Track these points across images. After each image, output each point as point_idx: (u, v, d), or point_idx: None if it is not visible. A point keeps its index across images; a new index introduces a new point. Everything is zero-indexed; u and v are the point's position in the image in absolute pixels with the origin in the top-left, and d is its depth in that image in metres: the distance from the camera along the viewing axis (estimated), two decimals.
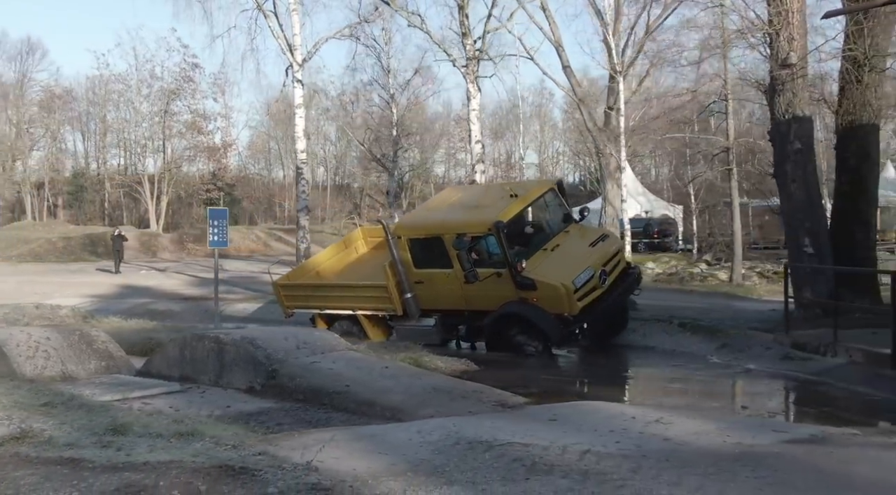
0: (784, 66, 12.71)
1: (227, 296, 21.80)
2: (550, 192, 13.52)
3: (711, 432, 6.68)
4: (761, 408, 8.95)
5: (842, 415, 8.58)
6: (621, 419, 7.21)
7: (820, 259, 13.07)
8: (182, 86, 56.29)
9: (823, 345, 11.22)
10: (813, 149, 13.41)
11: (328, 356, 9.85)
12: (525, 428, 6.85)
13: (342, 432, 6.63)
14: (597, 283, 12.32)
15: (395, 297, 13.35)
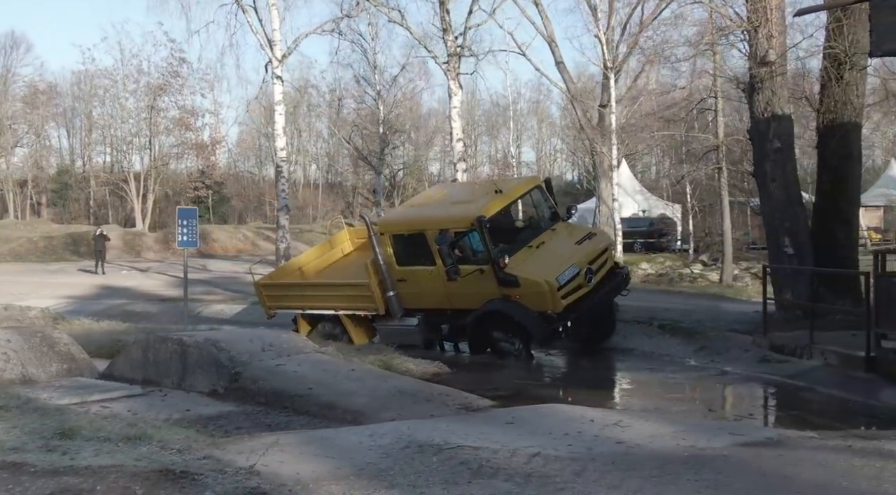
0: (763, 63, 12.84)
1: (206, 297, 21.92)
2: (537, 190, 13.59)
3: (667, 435, 6.81)
4: (728, 411, 9.10)
5: (808, 418, 8.72)
6: (579, 422, 7.34)
7: (800, 259, 13.21)
8: (169, 81, 56.36)
9: (800, 347, 11.36)
10: (793, 148, 13.55)
11: (294, 358, 9.98)
12: (480, 430, 6.98)
13: (293, 435, 6.75)
14: (582, 281, 12.35)
15: (378, 296, 13.42)
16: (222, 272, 31.44)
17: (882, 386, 9.62)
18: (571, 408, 8.14)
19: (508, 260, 12.28)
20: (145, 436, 6.45)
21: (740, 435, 6.80)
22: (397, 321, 13.53)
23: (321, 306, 14.24)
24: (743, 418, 8.67)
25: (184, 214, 14.47)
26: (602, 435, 6.84)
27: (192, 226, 14.12)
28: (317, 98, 64.04)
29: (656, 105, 27.23)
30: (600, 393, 10.12)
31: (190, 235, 14.07)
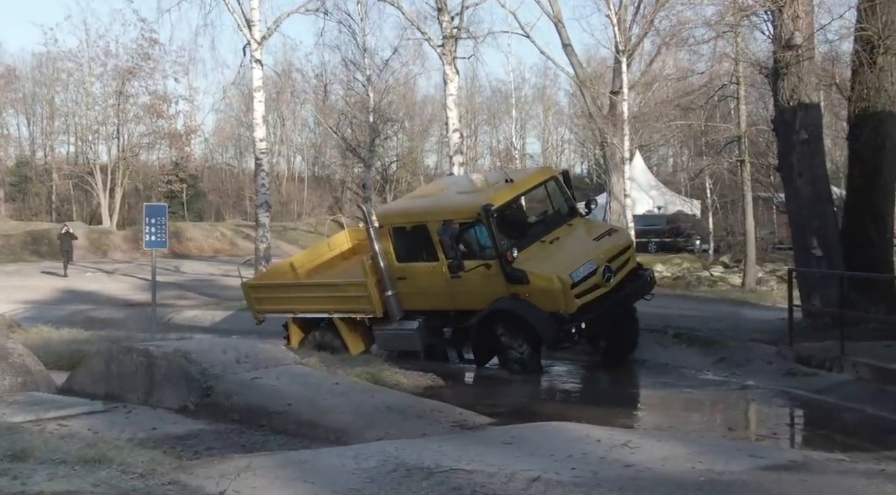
0: (788, 47, 12.81)
1: (178, 302, 21.89)
2: (553, 182, 13.44)
3: (681, 457, 6.77)
4: (750, 430, 9.07)
5: (837, 438, 8.70)
6: (584, 442, 7.30)
7: (829, 262, 13.18)
8: (139, 64, 56.19)
9: (829, 359, 11.33)
10: (821, 140, 13.52)
11: (272, 371, 9.93)
12: (475, 452, 6.94)
13: (268, 458, 6.72)
14: (599, 281, 12.15)
15: (375, 296, 13.29)
16: (197, 274, 31.42)
17: None
18: (576, 427, 8.10)
19: (518, 254, 12.11)
20: (105, 459, 6.40)
21: (761, 458, 6.77)
22: (396, 324, 13.37)
23: (314, 309, 14.12)
24: (765, 438, 8.65)
25: (152, 212, 14.43)
26: (609, 457, 6.80)
27: (161, 224, 14.07)
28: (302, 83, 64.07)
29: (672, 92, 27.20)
30: (608, 410, 10.07)
31: (159, 235, 14.02)
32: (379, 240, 13.24)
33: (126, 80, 56.13)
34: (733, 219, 36.13)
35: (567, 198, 13.35)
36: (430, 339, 13.31)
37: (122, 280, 28.48)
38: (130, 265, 35.19)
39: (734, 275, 25.54)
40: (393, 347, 13.78)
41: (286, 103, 70.16)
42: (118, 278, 29.30)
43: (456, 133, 20.02)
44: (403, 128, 60.96)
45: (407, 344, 13.47)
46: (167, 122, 59.34)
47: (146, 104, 57.59)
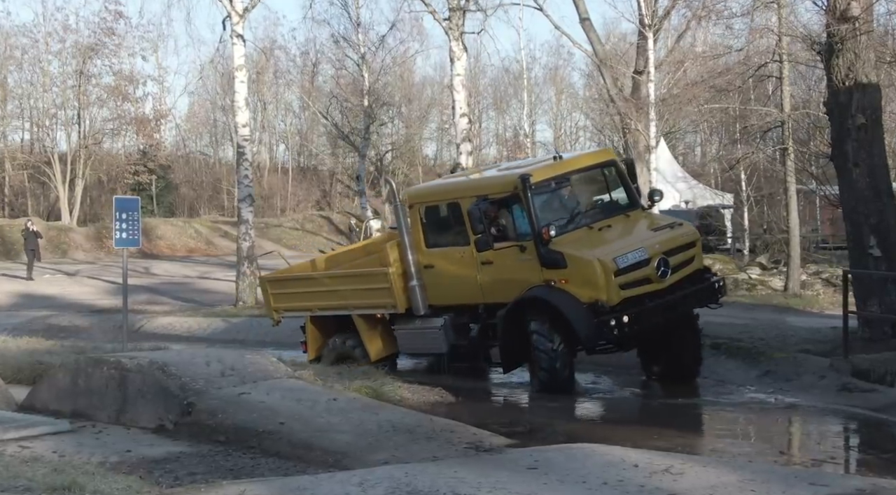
0: (844, 19, 12.72)
1: (150, 307, 21.86)
2: (610, 166, 13.09)
3: (731, 485, 6.70)
4: (804, 454, 8.98)
5: None
6: (620, 467, 7.23)
7: (889, 263, 13.10)
8: (102, 40, 56.06)
9: (890, 372, 11.28)
10: (881, 125, 13.43)
11: (261, 385, 9.88)
12: (496, 478, 6.88)
13: (262, 485, 6.65)
14: (652, 274, 11.73)
15: (398, 287, 13.14)
16: (170, 277, 31.39)
17: None
18: (609, 450, 8.02)
19: (558, 237, 11.83)
20: (76, 486, 6.34)
21: (823, 486, 6.70)
22: (419, 321, 13.21)
23: (332, 305, 14.11)
24: (822, 463, 8.54)
25: (123, 205, 14.30)
26: (649, 484, 6.73)
27: (133, 220, 13.95)
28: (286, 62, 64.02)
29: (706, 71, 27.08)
30: (640, 430, 9.97)
31: (131, 232, 13.90)
32: (406, 222, 13.16)
33: (87, 59, 55.96)
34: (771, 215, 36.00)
35: (627, 186, 13.00)
36: (456, 339, 13.01)
37: (85, 283, 28.43)
38: (94, 266, 35.15)
39: (774, 277, 25.42)
40: (415, 349, 13.69)
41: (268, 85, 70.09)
42: (81, 281, 29.27)
43: (464, 118, 19.94)
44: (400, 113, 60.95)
45: (430, 344, 13.25)
46: (134, 105, 59.20)
47: (110, 86, 57.44)
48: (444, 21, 19.89)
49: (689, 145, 65.09)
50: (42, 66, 57.42)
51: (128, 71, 57.83)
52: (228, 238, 51.71)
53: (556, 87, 75.31)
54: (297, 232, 52.43)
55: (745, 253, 35.57)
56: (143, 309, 21.41)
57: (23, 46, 58.16)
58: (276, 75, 66.01)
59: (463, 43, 19.79)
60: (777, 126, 22.24)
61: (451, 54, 20.00)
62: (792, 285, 22.13)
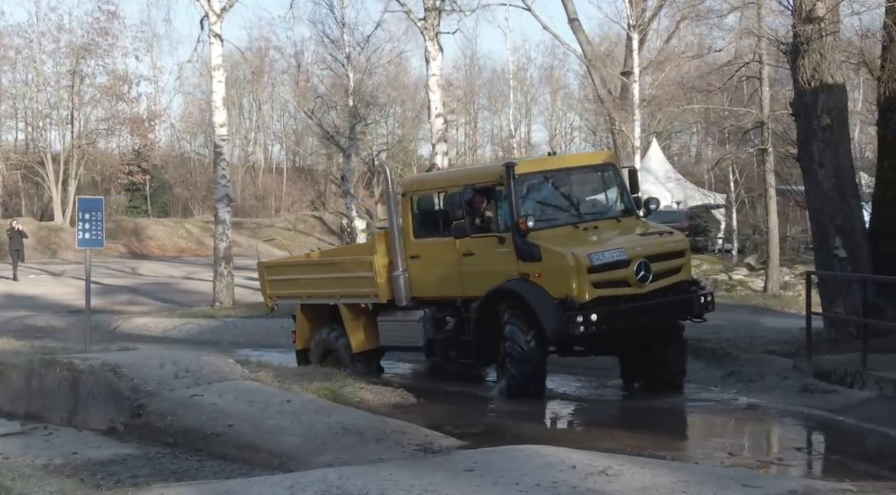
0: (809, 20, 12.70)
1: (129, 308, 21.87)
2: (609, 169, 12.99)
3: (664, 487, 6.70)
4: (753, 456, 8.99)
5: (851, 465, 8.62)
6: (558, 469, 7.24)
7: (855, 264, 13.07)
8: (95, 40, 56.05)
9: (850, 374, 11.25)
10: (846, 126, 13.41)
11: (215, 387, 9.88)
12: (430, 480, 6.88)
13: (190, 488, 6.67)
14: (630, 277, 11.49)
15: (381, 276, 13.15)
16: (156, 277, 31.38)
17: None
18: (553, 451, 8.03)
19: (540, 232, 11.71)
20: (2, 489, 6.32)
21: (756, 488, 6.70)
22: (401, 313, 13.19)
23: (320, 293, 14.26)
24: (769, 464, 8.57)
25: (87, 206, 14.33)
26: (582, 486, 6.74)
27: (96, 220, 13.97)
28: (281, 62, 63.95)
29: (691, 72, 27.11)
30: (595, 432, 10.01)
31: (94, 232, 13.93)
32: (396, 211, 13.20)
33: (81, 58, 55.95)
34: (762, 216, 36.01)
35: (624, 192, 12.80)
36: (434, 333, 12.90)
37: (69, 283, 28.40)
38: (82, 266, 34.96)
39: (758, 278, 25.42)
40: (395, 341, 13.64)
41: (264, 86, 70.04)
42: (66, 281, 29.25)
43: (440, 118, 19.94)
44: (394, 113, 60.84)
45: (409, 337, 13.19)
46: (129, 105, 59.20)
47: (103, 86, 57.43)
48: (420, 21, 19.88)
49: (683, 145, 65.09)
50: (36, 66, 57.45)
51: (122, 71, 57.81)
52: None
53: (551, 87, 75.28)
54: (289, 232, 52.41)
55: (733, 253, 35.59)
56: (121, 309, 21.43)
57: (16, 46, 58.20)
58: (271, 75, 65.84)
59: (438, 43, 19.80)
60: (756, 126, 22.24)
61: (426, 54, 19.98)
62: (771, 286, 22.15)
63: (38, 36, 56.71)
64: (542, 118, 76.63)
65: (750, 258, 32.58)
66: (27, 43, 57.34)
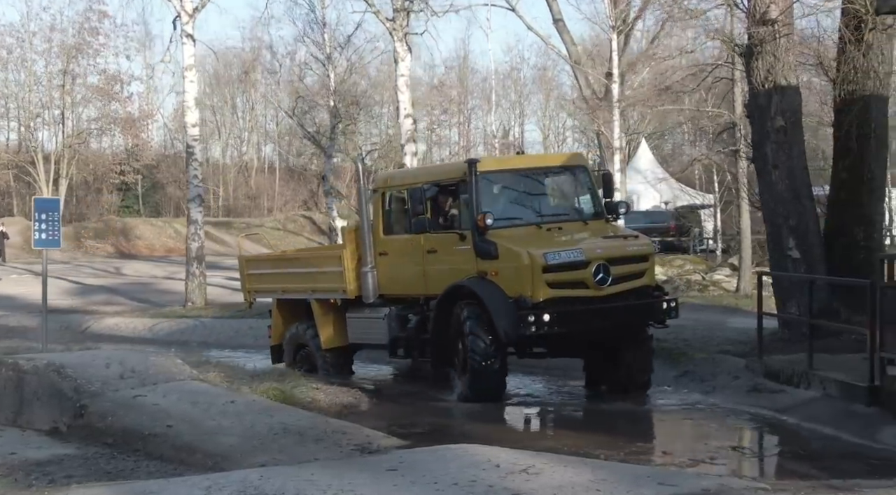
0: (763, 22, 12.79)
1: (103, 308, 21.96)
2: (582, 173, 12.95)
3: (580, 485, 6.78)
4: (687, 454, 9.06)
5: (783, 464, 8.76)
6: (481, 467, 7.32)
7: (808, 265, 13.17)
8: (86, 39, 56.14)
9: (798, 374, 11.33)
10: (800, 128, 13.50)
11: (160, 387, 9.96)
12: (349, 480, 6.95)
13: (109, 489, 6.75)
14: (588, 278, 11.40)
15: (349, 270, 13.23)
16: (138, 277, 31.47)
17: (882, 424, 9.60)
18: (483, 450, 8.09)
19: (501, 230, 11.66)
20: None
21: (671, 485, 6.78)
22: (368, 310, 13.24)
23: (295, 288, 14.45)
24: (700, 463, 8.65)
25: (43, 206, 14.52)
26: (499, 484, 6.81)
27: (53, 220, 14.13)
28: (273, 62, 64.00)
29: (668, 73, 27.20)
30: (540, 431, 10.15)
31: (51, 232, 14.08)
32: (366, 207, 13.30)
33: (72, 58, 56.04)
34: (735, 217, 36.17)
35: (594, 195, 12.77)
36: (398, 331, 12.89)
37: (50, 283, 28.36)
38: (67, 266, 35.20)
39: (734, 279, 25.53)
40: (361, 339, 13.69)
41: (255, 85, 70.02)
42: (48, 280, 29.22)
43: (409, 118, 20.05)
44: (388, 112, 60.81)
45: (374, 334, 13.26)
46: (122, 105, 59.26)
47: (95, 85, 57.50)
48: (388, 21, 19.97)
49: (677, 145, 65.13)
50: (27, 65, 57.52)
51: (114, 70, 57.89)
52: (209, 238, 51.48)
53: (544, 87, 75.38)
54: (279, 232, 52.46)
55: (717, 253, 35.68)
56: (95, 309, 21.53)
57: (8, 46, 58.26)
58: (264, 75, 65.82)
59: (407, 43, 19.90)
60: (728, 127, 22.35)
61: (394, 55, 20.09)
62: (744, 286, 22.24)
63: (30, 36, 56.81)
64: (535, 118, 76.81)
65: (734, 258, 32.66)
66: (19, 42, 57.45)
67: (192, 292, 20.30)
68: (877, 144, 13.55)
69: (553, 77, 74.84)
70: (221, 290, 24.13)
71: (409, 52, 20.11)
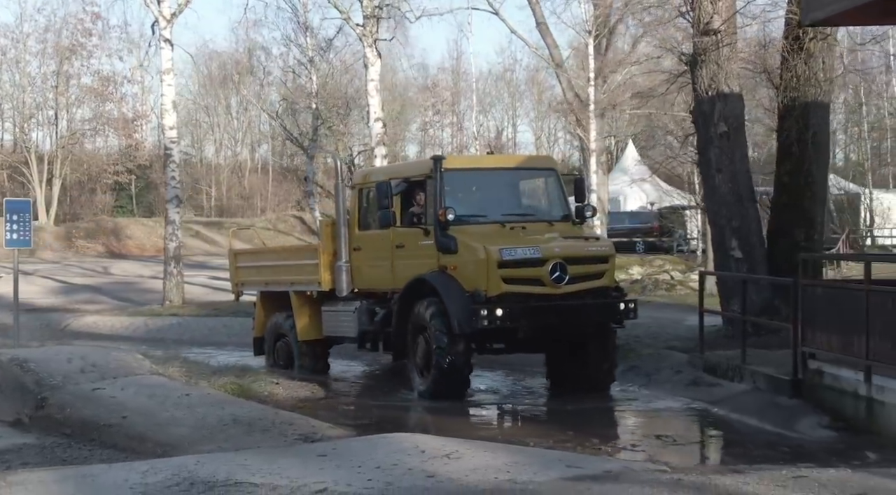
0: (706, 32, 13.31)
1: (85, 306, 22.44)
2: (548, 175, 13.19)
3: (493, 468, 7.32)
4: (612, 442, 9.59)
5: (701, 451, 9.33)
6: (406, 453, 7.85)
7: (750, 265, 13.69)
8: (80, 40, 56.59)
9: (732, 368, 11.86)
10: (743, 133, 14.02)
11: (119, 381, 10.47)
12: (280, 465, 7.47)
13: (52, 472, 7.26)
14: (544, 276, 11.64)
15: (324, 263, 13.65)
16: (124, 276, 31.96)
17: (801, 415, 10.14)
18: (415, 438, 8.63)
19: (463, 227, 11.94)
20: None
21: (578, 468, 7.32)
22: (341, 304, 13.63)
23: (277, 281, 15.02)
24: (622, 449, 9.18)
25: (14, 207, 15.02)
26: (418, 468, 7.34)
27: (24, 221, 14.63)
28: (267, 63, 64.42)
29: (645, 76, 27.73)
30: (481, 422, 10.64)
31: (22, 233, 14.58)
32: (343, 202, 13.71)
33: (66, 59, 56.50)
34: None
35: (562, 198, 13.07)
36: (367, 325, 13.17)
37: (36, 282, 28.98)
38: (56, 266, 35.71)
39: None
40: (335, 332, 14.00)
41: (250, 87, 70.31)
42: (34, 280, 29.79)
43: (378, 122, 20.57)
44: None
45: (345, 327, 13.61)
46: (117, 105, 59.69)
47: (88, 86, 57.94)
48: (359, 27, 20.50)
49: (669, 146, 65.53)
50: (21, 66, 57.95)
51: (108, 71, 58.31)
52: (199, 238, 52.25)
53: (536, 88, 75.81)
54: (269, 232, 52.90)
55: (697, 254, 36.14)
56: (77, 308, 22.05)
57: (3, 47, 58.71)
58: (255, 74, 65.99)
59: (377, 49, 20.41)
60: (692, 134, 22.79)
61: (364, 60, 20.64)
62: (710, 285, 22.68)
63: (24, 37, 57.23)
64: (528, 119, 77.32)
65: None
66: (13, 43, 57.87)
67: (169, 291, 20.81)
68: (817, 149, 14.06)
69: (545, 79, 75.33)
70: (203, 289, 24.66)
71: (379, 57, 20.61)
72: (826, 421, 9.84)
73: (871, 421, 9.37)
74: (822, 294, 10.49)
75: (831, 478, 6.76)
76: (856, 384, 9.58)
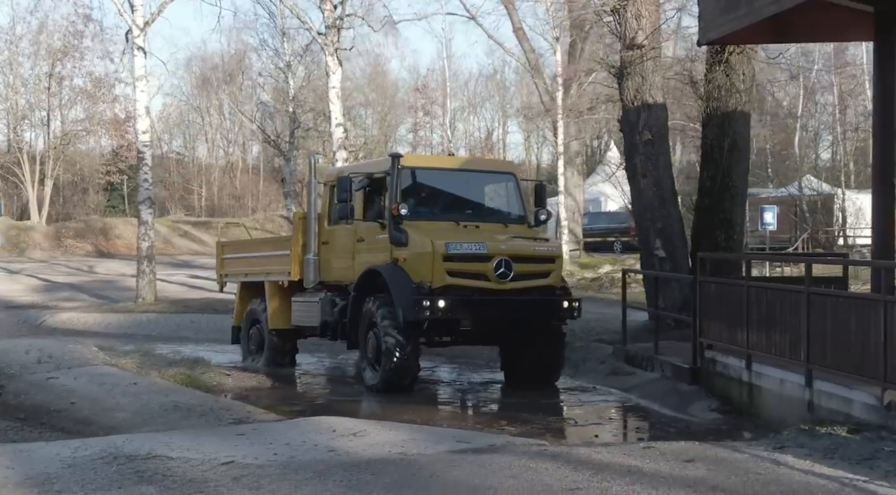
0: (631, 46, 14.20)
1: (63, 303, 23.29)
2: (507, 178, 13.68)
3: (390, 443, 8.24)
4: (518, 424, 10.43)
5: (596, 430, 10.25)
6: (319, 433, 8.75)
7: (673, 264, 14.58)
8: (72, 42, 57.33)
9: (646, 358, 12.78)
10: (666, 141, 14.94)
11: (72, 371, 11.38)
12: (200, 442, 8.35)
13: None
14: (489, 271, 12.07)
15: (295, 254, 14.36)
16: (107, 274, 32.78)
17: (696, 399, 11.09)
18: (332, 420, 9.51)
19: (417, 222, 12.39)
20: None
21: (465, 443, 8.25)
22: (308, 294, 14.29)
23: (255, 271, 15.87)
24: (524, 430, 10.06)
25: None
26: (323, 444, 8.23)
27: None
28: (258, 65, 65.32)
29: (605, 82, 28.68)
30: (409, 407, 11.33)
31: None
32: (314, 199, 14.40)
33: (58, 61, 57.26)
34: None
35: (519, 201, 13.65)
36: (328, 315, 13.58)
37: (21, 280, 29.83)
38: (43, 264, 36.57)
39: None
40: (300, 321, 14.57)
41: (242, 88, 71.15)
42: (18, 278, 30.63)
43: (339, 127, 21.44)
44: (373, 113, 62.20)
45: (310, 317, 14.21)
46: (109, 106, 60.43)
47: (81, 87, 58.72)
48: (321, 36, 21.38)
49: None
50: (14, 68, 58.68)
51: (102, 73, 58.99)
52: (188, 237, 53.13)
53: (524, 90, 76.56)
54: (256, 231, 53.75)
55: None
56: (55, 305, 22.90)
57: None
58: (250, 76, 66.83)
59: (338, 57, 21.27)
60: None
61: (326, 68, 21.52)
62: None
63: (17, 39, 57.96)
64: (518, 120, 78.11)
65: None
66: (7, 45, 58.57)
67: (142, 289, 21.67)
68: (737, 155, 14.93)
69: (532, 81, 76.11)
70: (179, 288, 25.52)
71: (340, 65, 21.49)
72: (716, 405, 10.79)
73: (751, 405, 10.32)
74: (715, 290, 11.39)
75: (674, 449, 7.68)
76: (740, 371, 10.51)
